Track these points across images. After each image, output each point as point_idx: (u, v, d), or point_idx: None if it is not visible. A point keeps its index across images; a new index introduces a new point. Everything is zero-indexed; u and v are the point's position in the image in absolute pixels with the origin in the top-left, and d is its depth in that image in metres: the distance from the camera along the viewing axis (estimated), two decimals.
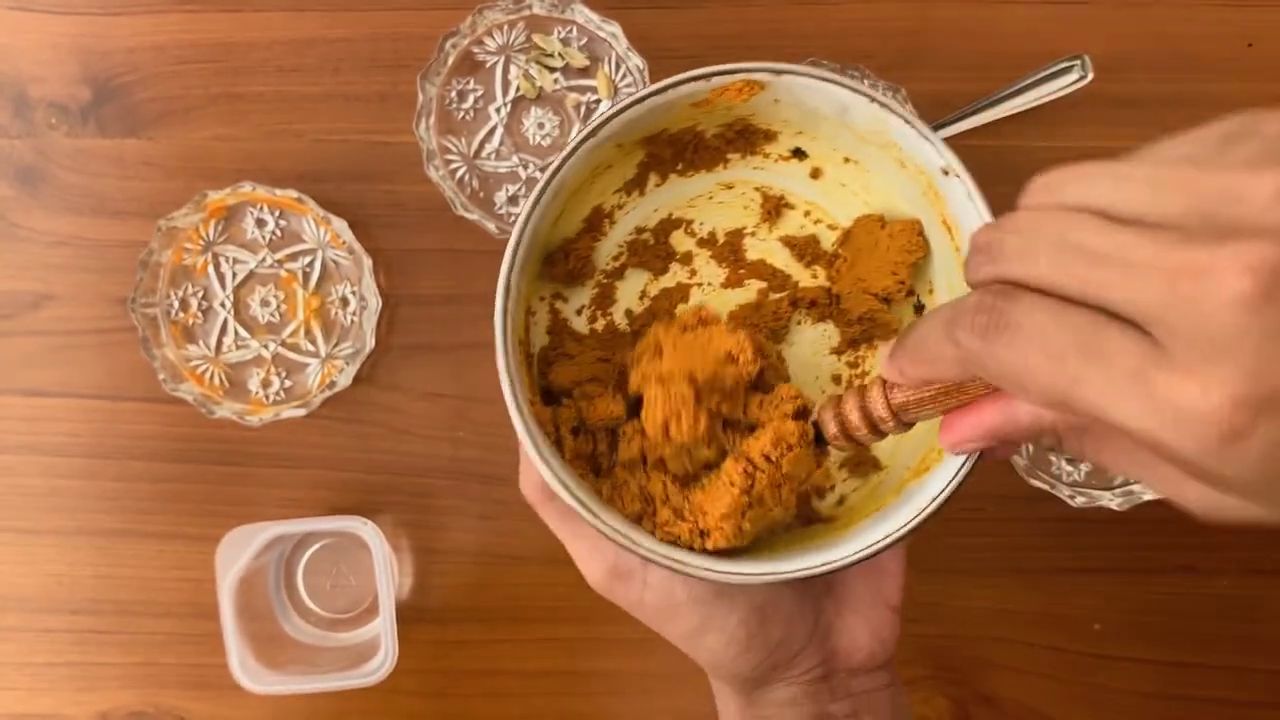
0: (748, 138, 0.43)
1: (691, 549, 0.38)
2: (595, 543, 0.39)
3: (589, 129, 0.36)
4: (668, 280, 0.44)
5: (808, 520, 0.42)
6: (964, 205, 0.37)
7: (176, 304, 0.54)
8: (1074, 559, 0.54)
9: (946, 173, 0.37)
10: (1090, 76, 0.52)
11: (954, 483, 0.36)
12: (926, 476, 0.38)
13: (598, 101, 0.54)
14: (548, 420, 0.40)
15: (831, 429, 0.35)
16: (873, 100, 0.37)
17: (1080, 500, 0.52)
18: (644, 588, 0.39)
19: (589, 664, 0.55)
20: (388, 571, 0.50)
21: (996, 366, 0.25)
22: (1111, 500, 0.52)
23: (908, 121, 0.37)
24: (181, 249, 0.54)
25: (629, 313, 0.44)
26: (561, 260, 0.42)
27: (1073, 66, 0.52)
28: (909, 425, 0.34)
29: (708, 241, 0.44)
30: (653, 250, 0.44)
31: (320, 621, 0.56)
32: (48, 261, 0.55)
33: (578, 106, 0.54)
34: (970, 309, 0.26)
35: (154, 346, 0.53)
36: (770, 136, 0.42)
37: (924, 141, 0.37)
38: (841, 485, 0.43)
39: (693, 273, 0.43)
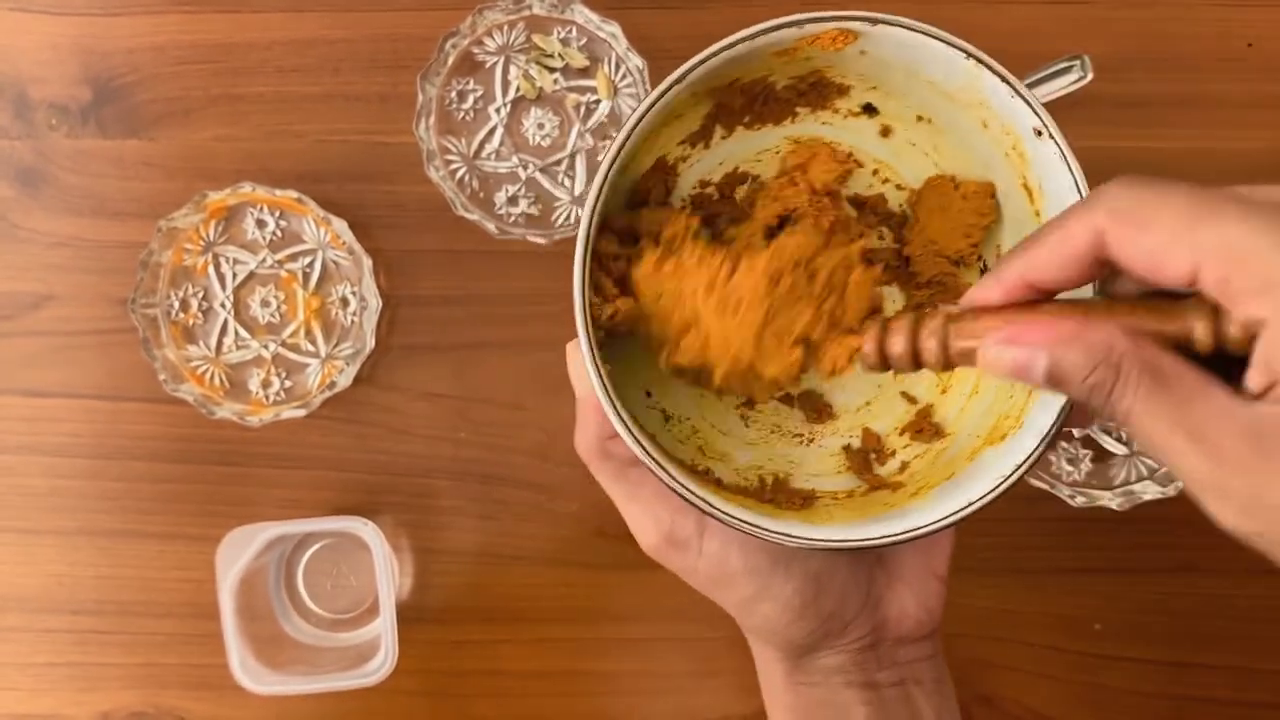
0: (819, 90, 0.41)
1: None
2: (650, 506, 0.38)
3: (678, 75, 0.35)
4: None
5: (872, 487, 0.42)
6: (1055, 168, 0.36)
7: (177, 304, 0.54)
8: (1074, 559, 0.54)
9: (1039, 133, 0.36)
10: (1090, 76, 0.52)
11: (1038, 450, 0.35)
12: (1004, 445, 0.37)
13: (597, 102, 0.54)
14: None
15: (868, 345, 0.35)
16: (969, 55, 0.36)
17: (1080, 500, 0.52)
18: (698, 556, 0.38)
19: (590, 664, 0.55)
20: (388, 572, 0.50)
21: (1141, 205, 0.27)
22: (1112, 500, 0.52)
23: (1004, 79, 0.36)
24: (181, 249, 0.54)
25: None
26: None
27: (1072, 66, 0.52)
28: (950, 367, 0.33)
29: None
30: (717, 205, 0.43)
31: (321, 622, 0.56)
32: (48, 262, 0.55)
33: (577, 107, 0.54)
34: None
35: (154, 347, 0.53)
36: (843, 91, 0.41)
37: (1018, 100, 0.36)
38: (903, 451, 0.43)
39: None
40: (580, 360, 0.35)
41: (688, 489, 0.35)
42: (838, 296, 0.36)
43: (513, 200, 0.54)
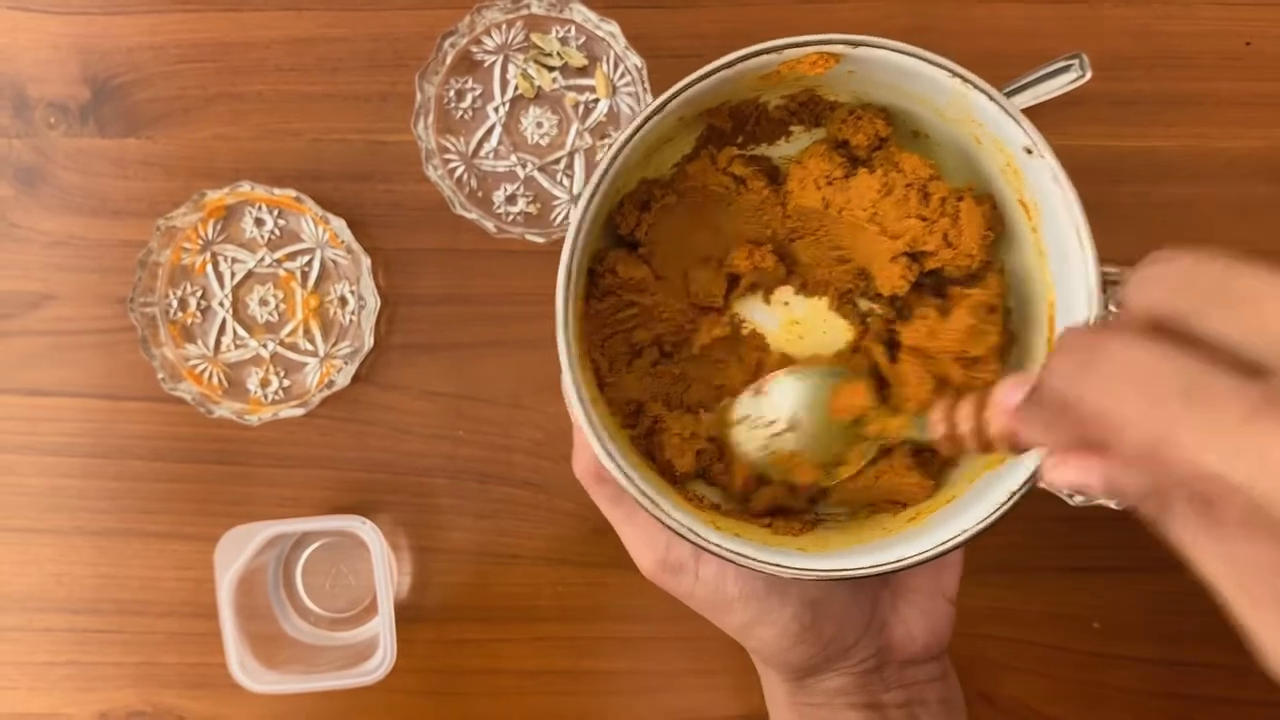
0: (812, 109, 0.41)
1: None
2: (647, 530, 0.38)
3: (654, 105, 0.35)
4: None
5: (874, 509, 0.42)
6: (1047, 187, 0.36)
7: (175, 303, 0.54)
8: (1073, 557, 0.54)
9: (1030, 152, 0.35)
10: (1088, 75, 0.52)
11: (1033, 476, 0.35)
12: (1002, 468, 0.37)
13: (596, 101, 0.54)
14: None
15: (939, 430, 0.33)
16: (954, 74, 0.35)
17: (1079, 499, 0.52)
18: (695, 581, 0.38)
19: (589, 663, 0.55)
20: (386, 570, 0.50)
21: (1089, 407, 0.23)
22: (1111, 499, 0.52)
23: (991, 97, 0.35)
24: (180, 248, 0.54)
25: None
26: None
27: (1070, 65, 0.52)
28: (1016, 451, 0.31)
29: None
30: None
31: (319, 621, 0.56)
32: (47, 261, 0.55)
33: (576, 106, 0.54)
34: (1062, 349, 0.24)
35: (153, 346, 0.53)
36: (835, 108, 0.41)
37: (1008, 119, 0.35)
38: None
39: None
40: None
41: (678, 522, 0.35)
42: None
43: (511, 199, 0.54)
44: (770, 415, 0.40)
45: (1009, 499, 0.35)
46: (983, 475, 0.38)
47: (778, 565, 0.35)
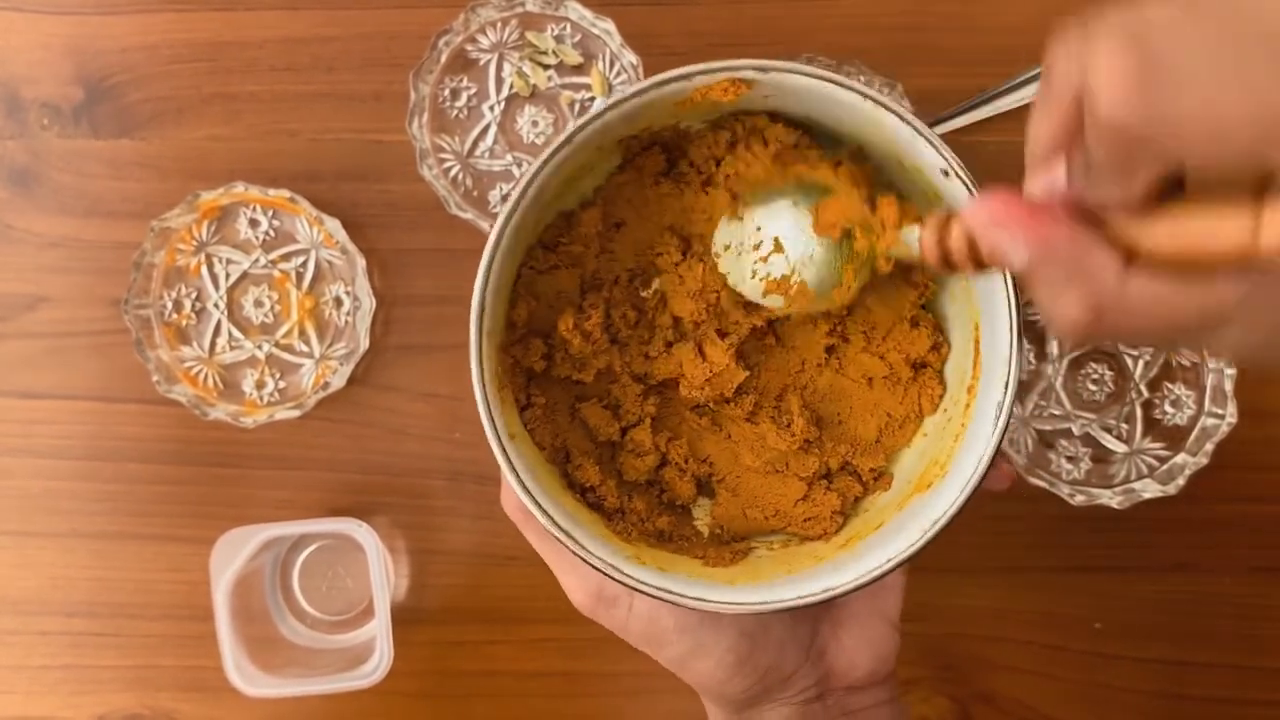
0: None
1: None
2: (578, 565, 0.37)
3: (564, 136, 0.35)
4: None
5: (804, 537, 0.41)
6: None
7: (170, 305, 0.54)
8: (1074, 557, 0.54)
9: (946, 174, 0.35)
10: None
11: (961, 498, 0.35)
12: (930, 492, 0.37)
13: (592, 99, 0.53)
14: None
15: (928, 236, 0.33)
16: (866, 97, 0.35)
17: (1080, 499, 0.52)
18: (629, 614, 0.38)
19: (586, 665, 0.55)
20: (383, 573, 0.50)
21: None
22: (1112, 498, 0.51)
23: (905, 120, 0.35)
24: (174, 250, 0.54)
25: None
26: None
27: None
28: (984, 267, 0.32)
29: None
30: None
31: (316, 624, 0.56)
32: (42, 263, 0.55)
33: (572, 104, 0.54)
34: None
35: (147, 348, 0.53)
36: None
37: (922, 141, 0.35)
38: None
39: (680, 279, 0.42)
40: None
41: (599, 559, 0.35)
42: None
43: (507, 199, 0.54)
44: (753, 240, 0.38)
45: (933, 526, 0.35)
46: (912, 499, 0.38)
47: (702, 600, 0.35)
